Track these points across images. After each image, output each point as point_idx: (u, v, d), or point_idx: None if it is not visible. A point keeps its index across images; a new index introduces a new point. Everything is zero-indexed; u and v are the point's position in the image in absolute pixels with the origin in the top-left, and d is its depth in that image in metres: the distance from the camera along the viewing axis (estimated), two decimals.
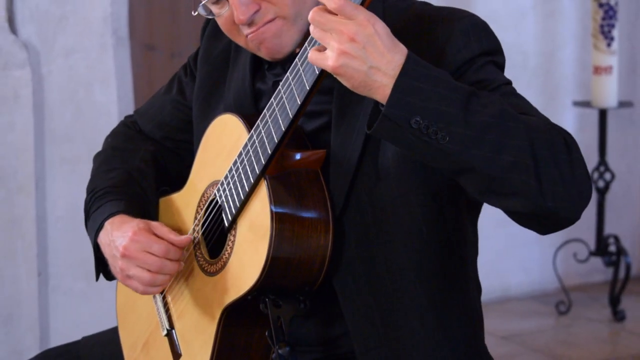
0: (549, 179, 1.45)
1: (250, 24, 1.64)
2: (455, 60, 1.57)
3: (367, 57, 1.42)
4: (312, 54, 1.45)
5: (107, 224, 1.77)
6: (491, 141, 1.43)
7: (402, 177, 1.60)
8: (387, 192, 1.61)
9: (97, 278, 1.88)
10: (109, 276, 1.86)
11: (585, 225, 4.10)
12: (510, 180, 1.45)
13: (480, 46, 1.59)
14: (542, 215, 1.48)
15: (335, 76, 1.45)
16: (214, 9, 1.68)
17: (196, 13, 1.70)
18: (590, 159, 4.08)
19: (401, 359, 1.63)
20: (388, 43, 1.43)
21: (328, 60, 1.43)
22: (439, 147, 1.43)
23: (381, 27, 1.43)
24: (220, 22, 1.69)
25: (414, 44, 1.52)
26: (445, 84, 1.44)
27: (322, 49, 1.45)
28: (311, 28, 1.45)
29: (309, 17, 1.44)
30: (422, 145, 1.44)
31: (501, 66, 1.63)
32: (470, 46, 1.58)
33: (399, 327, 1.63)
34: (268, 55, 1.67)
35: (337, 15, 1.43)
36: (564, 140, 1.47)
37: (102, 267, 1.85)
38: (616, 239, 3.94)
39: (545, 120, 1.51)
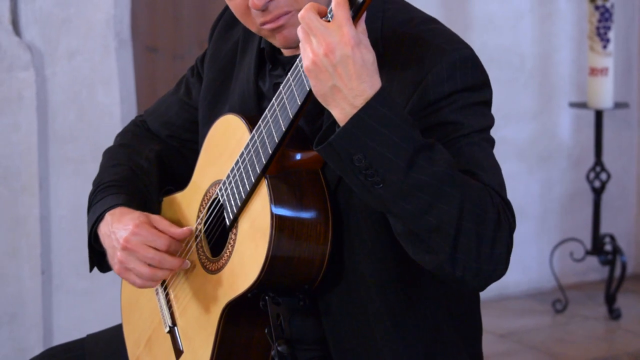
0: (465, 251, 1.46)
1: (264, 10, 1.62)
2: (435, 91, 1.55)
3: (333, 75, 1.43)
4: (301, 45, 1.46)
5: (108, 215, 1.78)
6: (422, 200, 1.45)
7: None
8: (357, 202, 1.61)
9: (91, 269, 1.88)
10: (103, 268, 1.86)
11: (581, 225, 4.11)
12: (428, 240, 1.47)
13: (465, 81, 1.56)
14: (447, 278, 1.51)
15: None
16: None
17: None
18: (586, 160, 4.09)
19: None
20: (361, 70, 1.43)
21: (304, 59, 1.45)
22: (370, 189, 1.46)
23: (362, 53, 1.43)
24: (232, 5, 1.67)
25: (401, 62, 1.55)
26: (401, 131, 1.44)
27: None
28: (301, 19, 1.45)
29: (300, 13, 1.45)
30: (355, 181, 1.46)
31: (487, 102, 1.60)
32: (454, 80, 1.55)
33: (367, 333, 1.64)
34: (282, 43, 1.66)
35: (328, 21, 1.43)
36: (497, 217, 1.48)
37: (97, 259, 1.85)
38: (612, 238, 3.95)
39: (495, 185, 1.52)
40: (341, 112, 1.45)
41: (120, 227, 1.73)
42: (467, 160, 1.53)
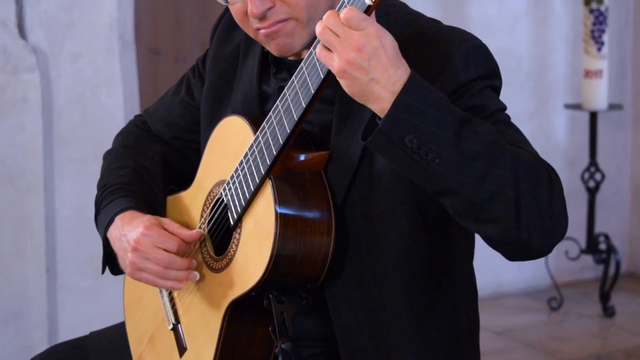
0: (528, 212, 1.47)
1: (262, 18, 1.63)
2: (453, 81, 1.58)
3: (369, 69, 1.44)
4: (320, 51, 1.46)
5: (118, 219, 1.78)
6: (477, 169, 1.45)
7: (392, 191, 1.62)
8: (377, 203, 1.62)
9: (103, 271, 1.88)
10: (115, 271, 1.86)
11: (576, 224, 4.06)
12: (489, 208, 1.47)
13: (479, 70, 1.59)
14: (514, 245, 1.50)
15: (337, 78, 1.47)
16: None
17: None
18: (581, 160, 4.10)
19: None
20: (393, 58, 1.45)
21: (334, 62, 1.45)
22: (427, 168, 1.46)
23: (389, 42, 1.45)
24: (233, 10, 1.68)
25: (413, 61, 1.54)
26: (442, 107, 1.46)
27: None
28: (319, 29, 1.46)
29: (324, 18, 1.45)
30: (411, 163, 1.47)
31: (498, 90, 1.64)
32: (468, 69, 1.58)
33: (383, 333, 1.65)
34: (276, 51, 1.67)
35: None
36: (548, 177, 1.49)
37: (110, 262, 1.85)
38: (606, 237, 3.96)
39: (534, 154, 1.53)
40: (381, 102, 1.45)
41: (131, 229, 1.73)
42: (502, 135, 1.54)
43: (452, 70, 1.58)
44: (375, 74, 1.44)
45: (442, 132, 1.45)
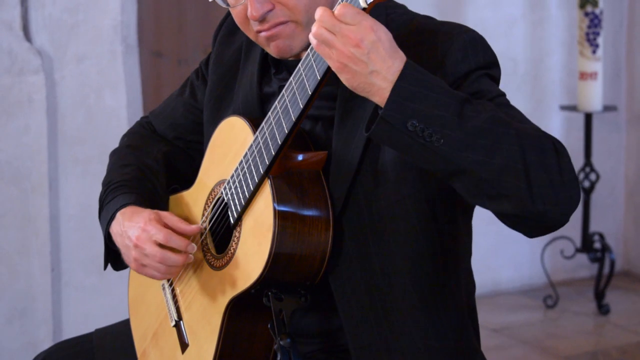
0: (539, 183, 1.46)
1: (262, 20, 1.65)
2: (453, 72, 1.58)
3: (369, 62, 1.45)
4: (318, 46, 1.47)
5: (119, 215, 1.79)
6: (483, 145, 1.45)
7: (400, 183, 1.62)
8: (384, 196, 1.63)
9: (105, 267, 1.89)
10: (117, 266, 1.88)
11: (571, 224, 4.07)
12: (501, 183, 1.46)
13: (477, 60, 1.60)
14: (531, 218, 1.48)
15: (337, 74, 1.48)
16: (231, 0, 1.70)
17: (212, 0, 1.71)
18: (576, 161, 4.08)
19: (394, 356, 1.65)
20: (389, 49, 1.46)
21: (333, 58, 1.46)
22: (434, 150, 1.46)
23: (384, 34, 1.46)
24: (233, 13, 1.70)
25: (412, 55, 1.54)
26: (441, 89, 1.47)
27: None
28: (315, 29, 1.47)
29: (316, 15, 1.47)
30: (418, 148, 1.46)
31: (496, 79, 1.64)
32: (467, 60, 1.59)
33: (392, 325, 1.65)
34: (276, 53, 1.69)
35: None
36: (554, 147, 1.49)
37: (112, 258, 1.87)
38: (601, 236, 3.99)
39: (536, 127, 1.52)
40: (382, 92, 1.46)
41: (132, 225, 1.75)
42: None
43: (451, 62, 1.59)
44: (375, 66, 1.45)
45: (443, 113, 1.45)
